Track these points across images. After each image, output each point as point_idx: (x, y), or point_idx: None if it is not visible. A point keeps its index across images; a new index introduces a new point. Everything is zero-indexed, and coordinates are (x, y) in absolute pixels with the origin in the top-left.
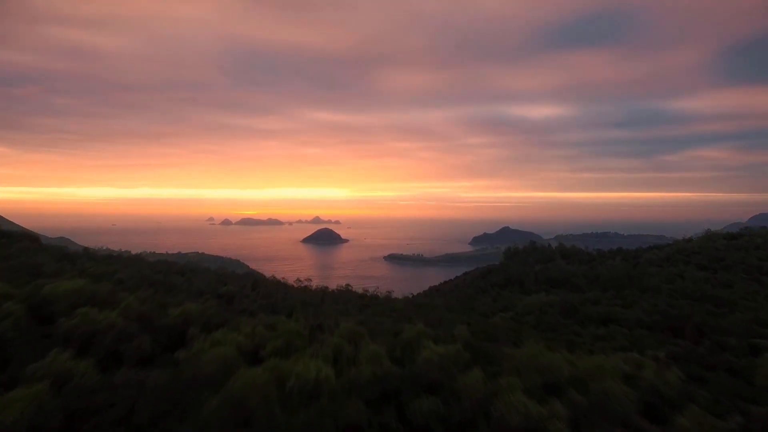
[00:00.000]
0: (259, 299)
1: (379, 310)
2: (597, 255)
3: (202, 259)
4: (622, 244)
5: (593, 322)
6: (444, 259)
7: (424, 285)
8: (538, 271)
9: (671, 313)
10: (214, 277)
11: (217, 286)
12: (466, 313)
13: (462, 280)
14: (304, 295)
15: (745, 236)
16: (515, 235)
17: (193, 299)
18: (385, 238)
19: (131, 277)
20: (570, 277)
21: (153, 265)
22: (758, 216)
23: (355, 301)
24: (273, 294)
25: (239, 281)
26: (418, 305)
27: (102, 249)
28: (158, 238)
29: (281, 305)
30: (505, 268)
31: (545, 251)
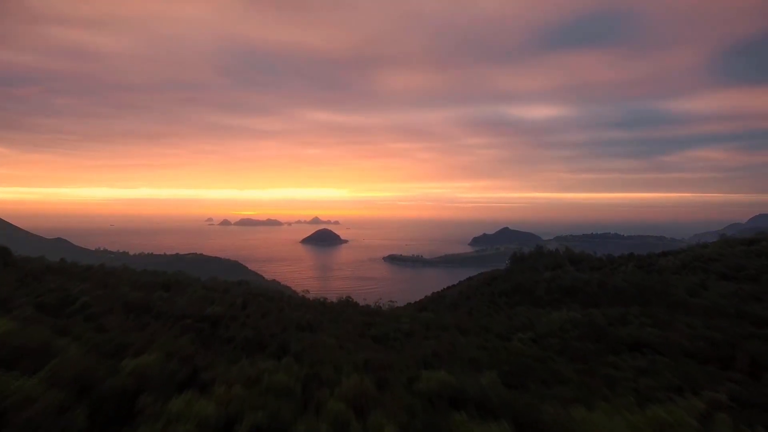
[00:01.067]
0: (248, 325)
1: (383, 331)
2: (607, 261)
3: (201, 260)
4: (622, 245)
5: (626, 347)
6: (444, 260)
7: (424, 286)
8: (548, 279)
9: (716, 337)
10: (201, 294)
11: (202, 307)
12: (481, 334)
13: (466, 285)
14: (300, 312)
15: (763, 241)
16: (515, 235)
17: (169, 328)
18: (385, 238)
19: (100, 299)
20: (583, 286)
21: (135, 277)
22: (758, 217)
23: (357, 319)
24: (266, 314)
25: (229, 296)
26: (426, 324)
27: (100, 250)
28: (157, 238)
29: (272, 334)
30: (512, 275)
31: (553, 256)
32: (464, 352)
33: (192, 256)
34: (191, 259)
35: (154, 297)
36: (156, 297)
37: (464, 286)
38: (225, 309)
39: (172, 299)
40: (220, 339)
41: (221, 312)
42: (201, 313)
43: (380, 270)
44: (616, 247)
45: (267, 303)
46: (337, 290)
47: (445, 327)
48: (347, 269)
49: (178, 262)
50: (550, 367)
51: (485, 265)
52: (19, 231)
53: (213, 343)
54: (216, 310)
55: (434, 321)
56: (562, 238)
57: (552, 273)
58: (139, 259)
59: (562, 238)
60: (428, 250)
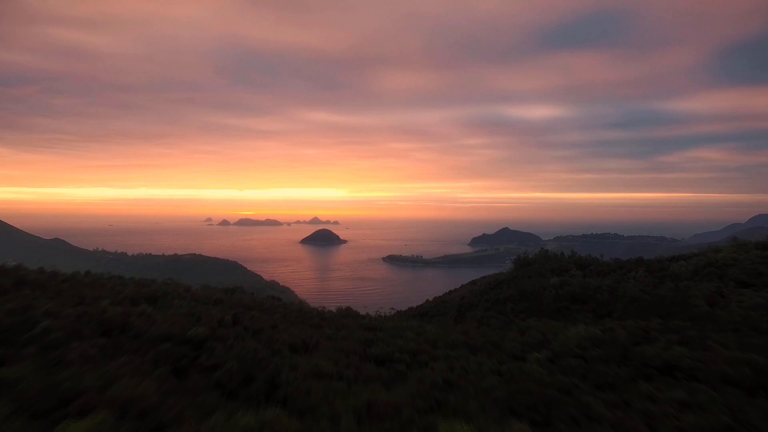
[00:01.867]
0: (234, 349)
1: (386, 351)
2: (615, 265)
3: (199, 261)
4: (622, 245)
5: (657, 371)
6: (443, 261)
7: (423, 287)
8: (556, 285)
9: (757, 361)
10: (187, 308)
11: (186, 325)
12: (493, 353)
13: (468, 290)
14: (295, 328)
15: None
16: (514, 235)
17: (144, 356)
18: (384, 239)
19: (67, 321)
20: (593, 293)
21: (120, 287)
22: (757, 217)
23: (358, 335)
24: (258, 331)
25: (219, 309)
26: (432, 340)
27: (98, 251)
28: (156, 238)
29: (262, 359)
30: (517, 280)
31: (558, 260)
32: (478, 379)
33: (190, 256)
34: (190, 259)
35: (134, 314)
36: (137, 313)
37: (467, 290)
38: (211, 328)
39: (154, 316)
40: (202, 368)
41: (206, 333)
42: (183, 334)
43: (380, 270)
44: (615, 248)
45: (260, 317)
46: (336, 291)
47: (453, 344)
48: (347, 270)
49: (177, 262)
50: (578, 400)
51: (485, 266)
52: (17, 232)
53: (192, 374)
54: (200, 331)
55: (441, 336)
56: (561, 238)
57: (559, 279)
58: (137, 260)
59: (561, 238)
60: (428, 251)
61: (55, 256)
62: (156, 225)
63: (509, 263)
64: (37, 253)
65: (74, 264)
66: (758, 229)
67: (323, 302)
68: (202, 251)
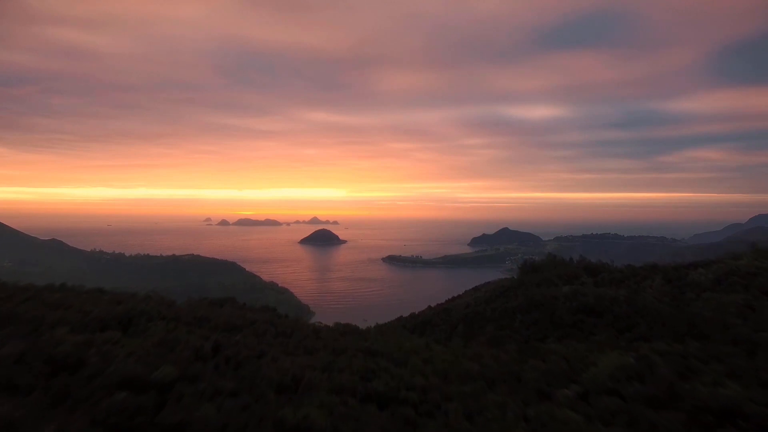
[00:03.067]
0: (206, 396)
1: (390, 386)
2: (628, 272)
3: (198, 262)
4: (622, 245)
5: (714, 417)
6: (443, 261)
7: (424, 289)
8: (569, 296)
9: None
10: (161, 335)
11: (154, 363)
12: (515, 389)
13: (473, 298)
14: (285, 360)
15: None
16: (514, 236)
17: (89, 412)
18: (384, 239)
19: (12, 359)
20: (610, 304)
21: (89, 306)
22: (757, 217)
23: (357, 363)
24: (240, 364)
25: (198, 336)
26: (443, 372)
27: (95, 251)
28: (154, 238)
29: (240, 409)
30: (525, 287)
31: (567, 266)
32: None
33: (189, 257)
34: (188, 260)
35: (97, 343)
36: (100, 343)
37: (471, 297)
38: (183, 365)
39: (116, 352)
40: (162, 429)
41: (175, 374)
42: (147, 377)
43: (379, 271)
44: (616, 248)
45: (246, 342)
46: (336, 292)
47: (466, 375)
48: (346, 270)
49: (175, 263)
50: None
51: (485, 266)
52: (13, 232)
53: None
54: (168, 371)
55: (451, 364)
56: (561, 238)
57: (570, 287)
58: (135, 260)
59: (561, 238)
60: (427, 251)
61: (52, 257)
62: (155, 225)
63: (509, 264)
64: (34, 253)
65: (71, 265)
66: (759, 230)
67: (323, 304)
68: (200, 252)
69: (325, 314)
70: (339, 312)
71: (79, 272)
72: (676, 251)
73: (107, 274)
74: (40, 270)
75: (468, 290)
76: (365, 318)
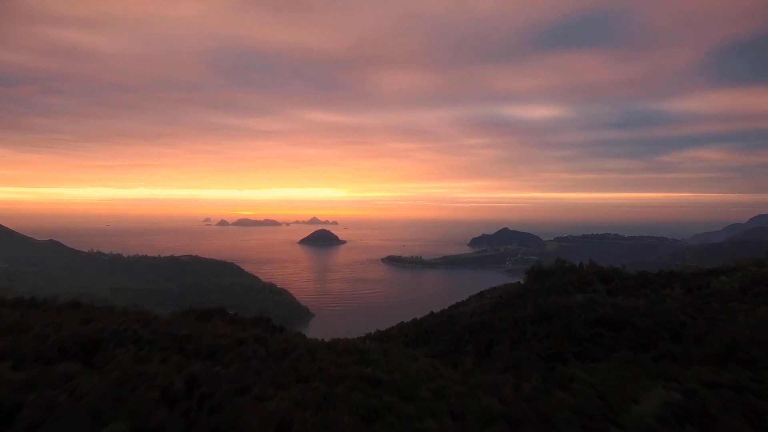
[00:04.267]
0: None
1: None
2: (643, 279)
3: (196, 263)
4: (623, 245)
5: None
6: (443, 262)
7: (424, 290)
8: (583, 306)
9: None
10: (130, 362)
11: (109, 413)
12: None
13: (478, 304)
14: (272, 399)
15: None
16: (514, 236)
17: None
18: (383, 239)
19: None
20: (628, 316)
21: (56, 325)
22: (758, 217)
23: (357, 398)
24: (216, 408)
25: (174, 365)
26: (459, 412)
27: (93, 252)
28: (153, 239)
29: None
30: (534, 295)
31: (577, 272)
32: None
33: (187, 257)
34: (186, 261)
35: (40, 386)
36: (47, 382)
37: (476, 304)
38: (142, 416)
39: (61, 397)
40: None
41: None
42: None
43: (379, 271)
44: (617, 248)
45: (229, 372)
46: (335, 293)
47: (486, 415)
48: (346, 271)
49: (173, 264)
50: None
51: (485, 267)
52: (10, 233)
53: None
54: (118, 431)
55: (466, 400)
56: (562, 239)
57: (584, 297)
58: (132, 261)
59: (562, 239)
60: (427, 251)
61: (49, 258)
62: (154, 225)
63: (510, 264)
64: (30, 254)
65: (67, 266)
66: (760, 230)
67: (322, 305)
68: (199, 252)
69: (325, 316)
70: (338, 314)
71: (76, 273)
72: (677, 251)
73: (104, 276)
74: (36, 271)
75: (473, 296)
76: (365, 322)
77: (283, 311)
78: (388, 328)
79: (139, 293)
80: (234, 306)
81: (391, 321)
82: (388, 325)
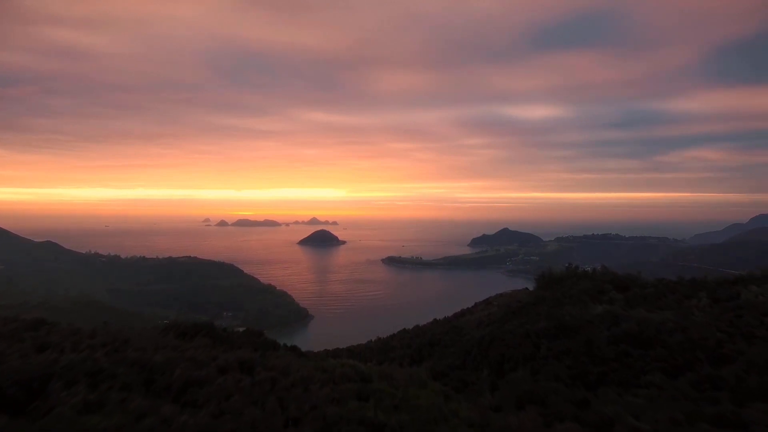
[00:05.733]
0: None
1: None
2: (663, 287)
3: (194, 264)
4: (624, 246)
5: None
6: (443, 262)
7: (425, 291)
8: (605, 319)
9: None
10: (71, 414)
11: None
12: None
13: (486, 314)
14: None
15: None
16: (515, 236)
17: None
18: (383, 239)
19: None
20: (656, 333)
21: (5, 348)
22: (759, 217)
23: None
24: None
25: (127, 417)
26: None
27: (90, 253)
28: (152, 239)
29: None
30: (545, 304)
31: (591, 279)
32: None
33: (185, 258)
34: (184, 262)
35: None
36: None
37: (483, 314)
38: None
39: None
40: None
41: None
42: None
43: (379, 272)
44: (617, 249)
45: (197, 423)
46: (335, 294)
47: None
48: (345, 272)
49: (171, 265)
50: None
51: (486, 267)
52: (6, 234)
53: None
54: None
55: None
56: (562, 239)
57: (603, 308)
58: (130, 262)
59: (562, 239)
60: (427, 252)
61: (46, 260)
62: (154, 225)
63: (510, 265)
64: (27, 256)
65: (64, 267)
66: (761, 230)
67: (321, 307)
68: (198, 253)
69: (324, 318)
70: (338, 316)
71: (73, 275)
72: (678, 252)
73: (102, 277)
74: (33, 273)
75: (478, 303)
76: (366, 325)
77: (282, 313)
78: (390, 335)
79: (136, 295)
80: (232, 308)
81: (391, 323)
82: (389, 328)
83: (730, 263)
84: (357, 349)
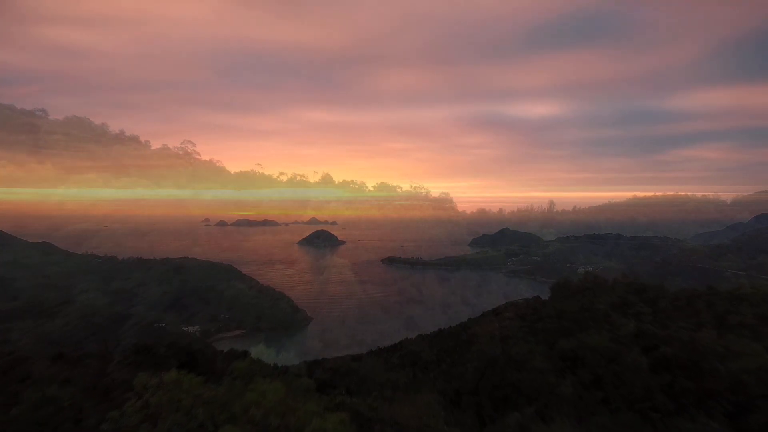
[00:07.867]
0: None
1: None
2: (696, 299)
3: (193, 264)
4: (626, 246)
5: None
6: (443, 262)
7: (425, 292)
8: (636, 338)
9: None
10: None
11: None
12: None
13: (498, 327)
14: None
15: None
16: (515, 236)
17: None
18: (383, 239)
19: None
20: (702, 358)
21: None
22: (761, 216)
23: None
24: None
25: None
26: None
27: (86, 254)
28: (151, 240)
29: None
30: (566, 317)
31: (612, 289)
32: None
33: (182, 260)
34: (181, 263)
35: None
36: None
37: (495, 325)
38: None
39: None
40: None
41: None
42: None
43: (379, 273)
44: (620, 249)
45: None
46: (334, 295)
47: None
48: (345, 272)
49: (168, 266)
50: None
51: (486, 268)
52: (1, 235)
53: None
54: None
55: None
56: (564, 239)
57: (633, 325)
58: (127, 264)
59: (564, 239)
60: (427, 252)
61: (41, 261)
62: (153, 226)
63: (511, 266)
64: (22, 257)
65: (59, 269)
66: (764, 230)
67: (320, 308)
68: (197, 254)
69: (323, 320)
70: (337, 319)
71: (68, 277)
72: (681, 252)
73: (98, 279)
74: (27, 275)
75: (487, 312)
76: (366, 328)
77: (279, 315)
78: (392, 344)
79: (133, 296)
80: (229, 311)
81: (391, 326)
82: (389, 331)
83: (737, 264)
84: (357, 368)
